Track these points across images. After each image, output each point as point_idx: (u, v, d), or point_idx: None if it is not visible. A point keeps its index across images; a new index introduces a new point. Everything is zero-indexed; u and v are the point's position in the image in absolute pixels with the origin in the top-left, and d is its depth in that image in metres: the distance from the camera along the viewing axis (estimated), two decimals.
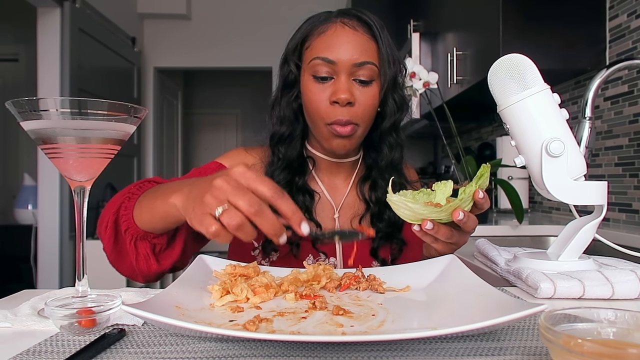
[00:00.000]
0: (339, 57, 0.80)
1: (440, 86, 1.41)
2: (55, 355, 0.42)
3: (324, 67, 0.81)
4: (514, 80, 0.69)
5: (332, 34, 0.82)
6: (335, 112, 0.80)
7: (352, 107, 0.81)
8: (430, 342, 0.45)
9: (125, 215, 0.70)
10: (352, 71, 0.81)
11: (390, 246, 0.91)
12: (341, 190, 0.93)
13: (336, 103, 0.80)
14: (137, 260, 0.72)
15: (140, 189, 0.74)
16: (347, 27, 0.82)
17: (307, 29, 0.85)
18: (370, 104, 0.82)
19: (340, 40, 0.81)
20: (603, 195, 0.70)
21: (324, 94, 0.81)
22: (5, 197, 3.95)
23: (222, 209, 0.50)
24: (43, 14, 2.90)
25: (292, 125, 0.89)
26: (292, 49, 0.86)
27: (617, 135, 1.54)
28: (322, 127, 0.83)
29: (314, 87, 0.82)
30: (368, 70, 0.81)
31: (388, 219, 0.88)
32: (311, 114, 0.84)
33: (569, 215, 1.70)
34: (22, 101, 0.48)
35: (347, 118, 0.80)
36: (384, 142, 0.89)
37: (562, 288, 0.62)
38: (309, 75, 0.83)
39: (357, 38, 0.81)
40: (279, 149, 0.89)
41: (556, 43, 1.58)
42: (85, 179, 0.53)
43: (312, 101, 0.83)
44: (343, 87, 0.80)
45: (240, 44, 4.42)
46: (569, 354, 0.32)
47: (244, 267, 0.63)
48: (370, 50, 0.82)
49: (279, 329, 0.45)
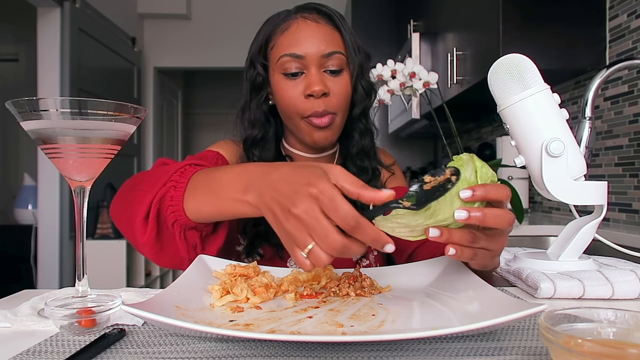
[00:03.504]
0: (306, 51, 0.81)
1: (440, 86, 1.41)
2: (55, 355, 0.42)
3: (293, 63, 0.81)
4: (514, 80, 0.69)
5: (296, 29, 0.82)
6: (311, 104, 0.81)
7: (327, 98, 0.81)
8: (430, 342, 0.45)
9: (174, 206, 0.62)
10: (321, 63, 0.81)
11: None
12: None
13: (311, 96, 0.81)
14: (185, 249, 0.67)
15: (184, 175, 0.65)
16: (308, 20, 0.83)
17: (269, 29, 0.85)
18: (344, 92, 0.84)
19: (305, 34, 0.81)
20: (603, 195, 0.70)
21: (296, 90, 0.82)
22: (5, 197, 3.95)
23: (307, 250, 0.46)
24: (43, 14, 2.90)
25: (264, 127, 0.89)
26: (257, 51, 0.86)
27: (617, 135, 1.54)
28: (299, 122, 0.83)
29: (285, 85, 0.83)
30: (337, 60, 0.82)
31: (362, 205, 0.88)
32: (286, 110, 0.84)
33: (569, 215, 1.70)
34: (22, 101, 0.48)
35: (323, 108, 0.81)
36: (355, 129, 0.90)
37: (562, 288, 0.62)
38: (279, 74, 0.83)
39: (321, 30, 0.82)
40: (253, 152, 0.89)
41: (556, 43, 1.58)
42: (85, 179, 0.53)
43: (286, 98, 0.83)
44: (315, 79, 0.80)
45: (240, 44, 4.38)
46: (569, 354, 0.32)
47: (244, 267, 0.63)
48: (335, 40, 0.83)
49: (279, 329, 0.45)
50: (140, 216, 0.64)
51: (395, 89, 1.43)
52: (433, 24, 2.50)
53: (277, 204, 0.48)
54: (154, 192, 0.64)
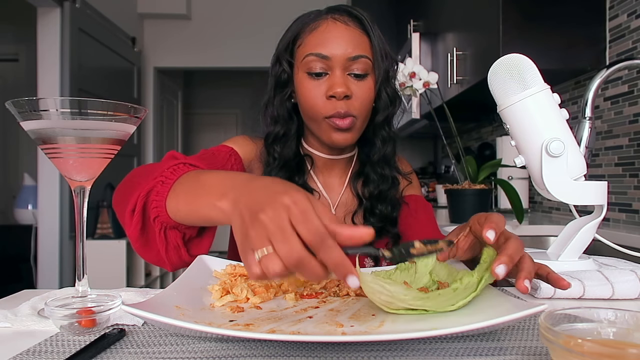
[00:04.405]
0: (332, 52, 0.80)
1: (440, 86, 1.41)
2: (55, 355, 0.42)
3: (318, 63, 0.81)
4: (514, 80, 0.69)
5: (324, 29, 0.82)
6: (333, 105, 0.81)
7: (349, 100, 0.81)
8: (430, 342, 0.45)
9: (157, 202, 0.62)
10: (346, 65, 0.81)
11: (385, 240, 0.91)
12: (337, 189, 0.94)
13: (333, 97, 0.80)
14: (166, 250, 0.66)
15: (175, 172, 0.64)
16: (338, 22, 0.82)
17: (298, 27, 0.85)
18: (366, 97, 0.83)
19: (333, 35, 0.81)
20: (603, 195, 0.70)
21: (319, 90, 0.82)
22: (5, 197, 3.95)
23: (261, 253, 0.42)
24: (43, 14, 2.90)
25: (287, 124, 0.89)
26: (284, 48, 0.86)
27: (617, 135, 1.54)
28: (320, 121, 0.83)
29: (309, 84, 0.83)
30: (362, 64, 0.82)
31: (380, 213, 0.89)
32: (308, 110, 0.84)
33: (569, 215, 1.70)
34: (22, 101, 0.48)
35: (345, 110, 0.80)
36: (377, 136, 0.89)
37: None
38: (303, 73, 0.83)
39: (350, 32, 0.82)
40: (274, 148, 0.89)
41: (556, 43, 1.58)
42: (85, 179, 0.53)
43: (309, 98, 0.83)
44: (339, 81, 0.80)
45: (240, 44, 4.42)
46: (569, 354, 0.32)
47: (244, 267, 0.63)
48: (363, 44, 0.82)
49: (279, 329, 0.45)
50: (129, 208, 0.64)
51: None
52: (433, 24, 2.50)
53: (248, 210, 0.44)
54: (143, 185, 0.64)
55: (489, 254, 0.52)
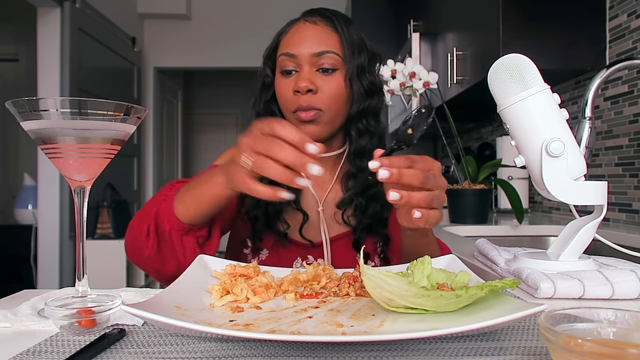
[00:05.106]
0: (299, 50, 0.85)
1: (440, 86, 1.41)
2: (55, 355, 0.42)
3: (288, 61, 0.86)
4: (514, 80, 0.69)
5: (295, 31, 0.88)
6: (297, 99, 0.85)
7: (314, 95, 0.84)
8: (430, 342, 0.45)
9: (167, 216, 0.71)
10: (313, 61, 0.85)
11: (374, 240, 0.91)
12: (325, 185, 0.95)
13: (298, 92, 0.84)
14: (185, 256, 0.72)
15: (172, 189, 0.76)
16: (308, 23, 0.88)
17: (278, 34, 0.92)
18: (333, 91, 0.85)
19: (301, 35, 0.87)
20: (603, 195, 0.70)
21: (289, 87, 0.86)
22: (5, 197, 3.95)
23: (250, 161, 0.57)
24: (43, 14, 2.90)
25: None
26: (267, 55, 0.93)
27: (617, 135, 1.54)
28: (289, 116, 0.88)
29: (280, 82, 0.88)
30: (329, 59, 0.85)
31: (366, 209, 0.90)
32: (281, 106, 0.89)
33: (569, 215, 1.70)
34: (22, 101, 0.48)
35: (308, 103, 0.84)
36: (353, 128, 0.91)
37: (562, 288, 0.62)
38: (278, 72, 0.89)
39: (317, 31, 0.87)
40: None
41: (556, 43, 1.58)
42: (85, 179, 0.53)
43: (280, 95, 0.88)
44: (303, 76, 0.84)
45: (240, 44, 4.42)
46: (569, 354, 0.32)
47: (244, 267, 0.63)
48: (330, 40, 0.86)
49: (279, 329, 0.45)
50: (144, 233, 0.73)
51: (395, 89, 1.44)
52: (433, 24, 2.50)
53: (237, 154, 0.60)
54: (149, 211, 0.74)
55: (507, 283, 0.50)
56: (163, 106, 4.77)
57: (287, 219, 0.90)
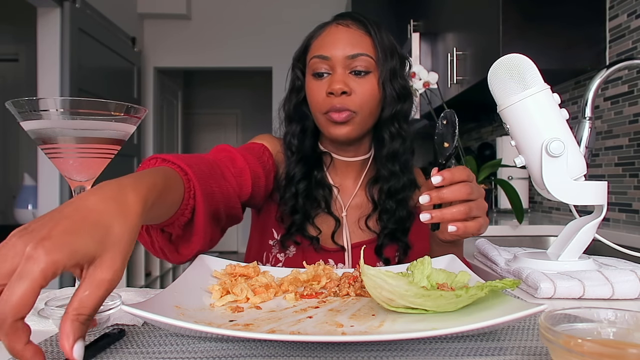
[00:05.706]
0: (332, 53, 0.85)
1: (440, 86, 1.41)
2: (55, 355, 0.42)
3: (321, 64, 0.86)
4: (514, 80, 0.69)
5: (327, 34, 0.88)
6: (330, 101, 0.85)
7: (347, 96, 0.84)
8: (430, 342, 0.45)
9: None
10: (346, 64, 0.85)
11: (395, 247, 0.91)
12: (350, 191, 0.95)
13: (332, 94, 0.84)
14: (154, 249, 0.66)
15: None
16: (340, 26, 0.88)
17: (309, 37, 0.92)
18: (367, 94, 0.85)
19: (334, 37, 0.87)
20: (603, 195, 0.70)
21: (321, 89, 0.86)
22: (5, 197, 3.95)
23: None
24: (43, 14, 2.90)
25: (302, 122, 0.93)
26: (297, 57, 0.93)
27: (617, 135, 1.54)
28: (320, 117, 0.88)
29: (312, 84, 0.88)
30: (362, 62, 0.85)
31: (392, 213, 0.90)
32: (312, 108, 0.89)
33: (569, 215, 1.70)
34: (22, 101, 0.48)
35: (340, 104, 0.84)
36: (385, 131, 0.91)
37: (562, 288, 0.62)
38: (310, 75, 0.89)
39: (350, 33, 0.87)
40: (292, 142, 0.93)
41: (556, 43, 1.58)
42: (85, 179, 0.53)
43: (312, 96, 0.88)
44: (337, 78, 0.84)
45: (240, 44, 4.42)
46: (569, 354, 0.32)
47: (244, 267, 0.63)
48: (363, 43, 0.86)
49: (279, 329, 0.45)
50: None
51: None
52: (433, 24, 2.50)
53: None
54: None
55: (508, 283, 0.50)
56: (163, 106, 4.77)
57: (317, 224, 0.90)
